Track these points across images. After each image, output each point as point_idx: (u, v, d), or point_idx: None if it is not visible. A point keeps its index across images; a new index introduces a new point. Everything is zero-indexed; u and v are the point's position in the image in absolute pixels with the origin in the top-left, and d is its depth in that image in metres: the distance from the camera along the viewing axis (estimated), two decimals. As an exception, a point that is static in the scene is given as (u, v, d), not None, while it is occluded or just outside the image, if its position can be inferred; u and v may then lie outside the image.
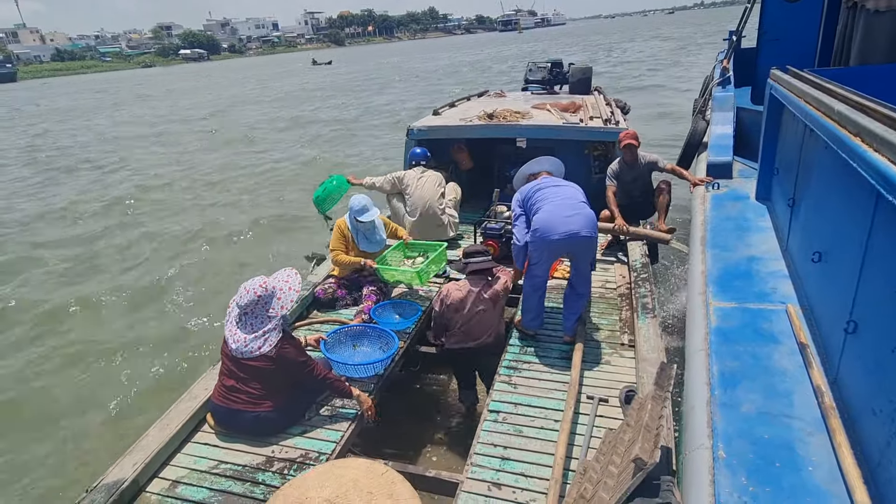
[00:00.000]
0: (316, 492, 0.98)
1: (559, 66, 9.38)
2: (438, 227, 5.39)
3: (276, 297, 2.98)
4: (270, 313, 2.95)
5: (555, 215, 3.53)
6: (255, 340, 2.91)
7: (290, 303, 3.00)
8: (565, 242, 3.50)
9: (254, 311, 2.95)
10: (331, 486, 1.02)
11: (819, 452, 2.07)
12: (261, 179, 12.78)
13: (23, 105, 42.38)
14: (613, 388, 3.25)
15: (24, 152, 19.34)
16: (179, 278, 7.50)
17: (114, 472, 2.73)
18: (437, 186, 5.40)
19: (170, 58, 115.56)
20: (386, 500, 1.10)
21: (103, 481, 2.68)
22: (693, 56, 32.38)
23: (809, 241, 3.12)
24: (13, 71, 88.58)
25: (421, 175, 5.46)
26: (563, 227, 3.47)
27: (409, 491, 1.07)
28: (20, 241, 9.67)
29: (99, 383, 5.29)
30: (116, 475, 2.71)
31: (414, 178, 5.44)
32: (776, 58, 5.43)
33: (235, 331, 2.97)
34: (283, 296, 2.99)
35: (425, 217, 5.33)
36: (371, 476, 1.09)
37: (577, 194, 3.71)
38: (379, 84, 33.99)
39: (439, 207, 5.35)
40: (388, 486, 1.11)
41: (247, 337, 2.92)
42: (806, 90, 3.09)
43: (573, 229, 3.47)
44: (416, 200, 5.35)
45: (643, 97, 18.69)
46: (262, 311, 2.95)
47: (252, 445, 3.00)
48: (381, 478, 1.11)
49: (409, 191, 5.41)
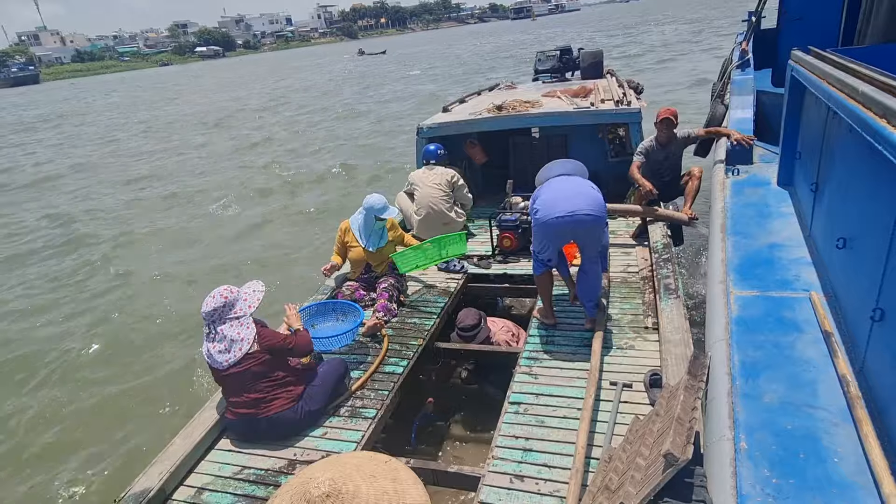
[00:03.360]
0: (320, 474, 1.00)
1: (569, 53, 9.21)
2: (445, 224, 5.31)
3: (243, 299, 3.05)
4: (238, 314, 2.99)
5: (556, 197, 3.46)
6: (233, 344, 2.93)
7: (255, 302, 3.07)
8: (567, 222, 3.39)
9: (221, 316, 2.97)
10: (333, 470, 1.03)
11: (845, 443, 2.02)
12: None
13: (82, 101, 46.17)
14: (637, 373, 3.21)
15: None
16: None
17: (141, 482, 2.77)
18: (444, 184, 5.35)
19: (186, 56, 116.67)
20: (389, 483, 1.12)
21: (131, 491, 2.72)
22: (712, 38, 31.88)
23: (833, 227, 3.04)
24: (36, 73, 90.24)
25: (428, 173, 5.44)
26: (564, 206, 3.39)
27: (412, 478, 1.09)
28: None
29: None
30: (144, 484, 2.75)
31: (420, 177, 5.44)
32: (797, 38, 5.28)
33: (212, 348, 2.97)
34: (248, 296, 3.07)
35: (431, 215, 5.30)
36: (374, 463, 1.11)
37: (585, 182, 3.61)
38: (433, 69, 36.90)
39: (446, 205, 5.32)
40: (391, 472, 1.13)
41: (223, 345, 2.93)
42: (828, 71, 3.00)
43: (574, 208, 3.37)
44: (422, 199, 5.33)
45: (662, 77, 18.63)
46: (229, 311, 2.98)
47: (274, 450, 3.02)
48: (384, 465, 1.12)
49: (417, 190, 5.41)
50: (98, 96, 50.38)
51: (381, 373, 3.58)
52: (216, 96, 38.03)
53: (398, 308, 4.31)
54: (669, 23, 50.20)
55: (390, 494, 1.09)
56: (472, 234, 5.64)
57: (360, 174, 13.00)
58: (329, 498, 0.96)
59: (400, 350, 3.80)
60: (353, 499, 1.03)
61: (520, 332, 4.19)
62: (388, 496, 1.08)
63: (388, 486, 1.10)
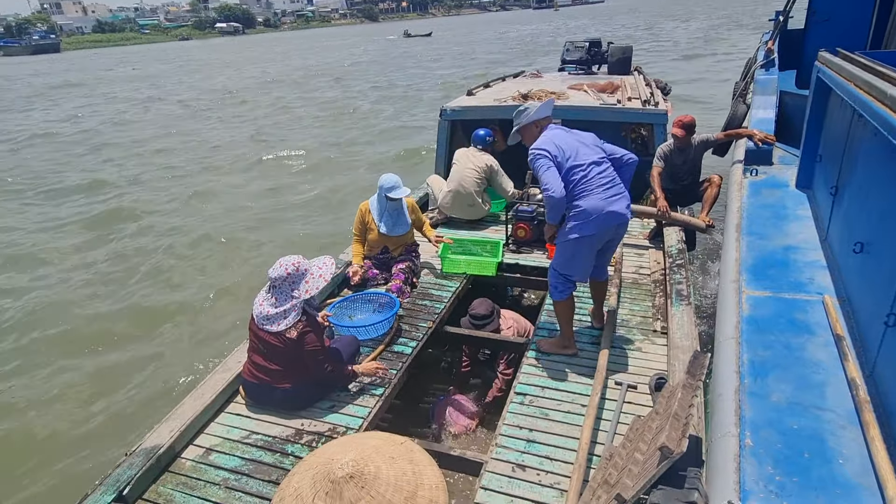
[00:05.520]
0: (341, 455, 1.02)
1: (598, 46, 9.12)
2: (470, 206, 5.45)
3: (305, 280, 2.99)
4: (294, 293, 2.97)
5: (600, 198, 3.09)
6: (276, 316, 2.96)
7: (315, 289, 3.00)
8: (611, 229, 3.17)
9: (280, 286, 2.99)
10: (354, 451, 1.06)
11: (850, 445, 2.03)
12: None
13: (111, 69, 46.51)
14: (643, 375, 3.22)
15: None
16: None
17: (151, 438, 2.84)
18: (480, 168, 5.40)
19: (206, 31, 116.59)
20: (407, 464, 1.15)
21: (142, 446, 2.79)
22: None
23: (851, 231, 3.03)
24: (57, 42, 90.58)
25: (469, 155, 5.50)
26: (608, 204, 3.09)
27: (427, 459, 1.11)
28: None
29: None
30: (154, 441, 2.82)
31: (462, 156, 5.53)
32: (825, 39, 5.22)
33: (262, 300, 3.04)
34: (311, 280, 3.00)
35: (458, 194, 5.41)
36: (391, 444, 1.14)
37: (610, 167, 3.23)
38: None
39: (476, 188, 5.37)
40: (408, 454, 1.16)
41: (270, 310, 2.97)
42: (856, 73, 2.97)
43: (618, 210, 3.11)
44: (455, 175, 5.46)
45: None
46: (288, 288, 2.98)
47: (282, 418, 3.08)
48: (401, 446, 1.15)
49: (455, 165, 5.52)
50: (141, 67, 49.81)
51: (390, 352, 3.63)
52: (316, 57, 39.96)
53: (410, 291, 4.34)
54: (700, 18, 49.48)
55: (409, 476, 1.11)
56: (491, 222, 5.68)
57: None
58: (353, 479, 0.99)
59: (409, 331, 3.84)
60: (375, 480, 1.05)
61: (528, 329, 4.17)
62: (408, 477, 1.11)
63: (407, 467, 1.12)
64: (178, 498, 2.62)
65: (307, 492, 1.05)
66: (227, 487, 2.66)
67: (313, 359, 3.02)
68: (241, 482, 2.69)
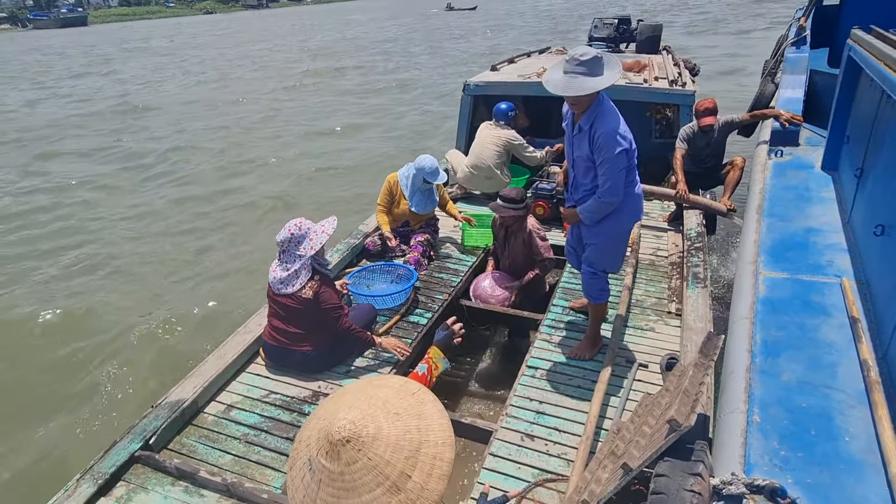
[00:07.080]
0: (345, 412, 1.06)
1: (626, 23, 8.95)
2: (488, 179, 5.46)
3: (309, 238, 3.09)
4: (300, 252, 3.08)
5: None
6: (289, 278, 3.08)
7: (319, 244, 3.09)
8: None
9: (287, 248, 3.10)
10: (360, 407, 1.10)
11: (858, 424, 2.05)
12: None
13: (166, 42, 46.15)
14: (655, 355, 3.26)
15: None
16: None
17: (175, 392, 2.99)
18: (500, 143, 5.40)
19: (230, 4, 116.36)
20: (412, 420, 1.18)
21: (167, 399, 2.94)
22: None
23: (874, 213, 2.98)
24: (84, 15, 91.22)
25: (490, 129, 5.50)
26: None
27: (437, 411, 1.13)
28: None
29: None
30: (178, 395, 2.96)
31: (483, 130, 5.55)
32: (862, 16, 5.04)
33: (274, 267, 3.16)
34: (314, 237, 3.10)
35: (477, 168, 5.43)
36: (402, 396, 1.16)
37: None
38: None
39: (494, 161, 5.37)
40: (417, 406, 1.19)
41: (282, 273, 3.09)
42: (887, 52, 2.89)
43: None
44: (474, 149, 5.50)
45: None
46: (294, 248, 3.09)
47: (300, 380, 3.21)
48: (412, 397, 1.17)
49: (476, 139, 5.55)
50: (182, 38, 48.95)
51: (406, 321, 3.71)
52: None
53: (428, 264, 4.41)
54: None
55: (412, 433, 1.14)
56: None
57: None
58: (349, 443, 1.02)
59: (426, 303, 3.92)
60: (374, 441, 1.08)
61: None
62: (411, 435, 1.13)
63: (412, 423, 1.15)
64: (200, 449, 2.76)
65: (313, 445, 1.12)
66: (246, 442, 2.80)
67: (331, 315, 3.12)
68: (259, 437, 2.82)
